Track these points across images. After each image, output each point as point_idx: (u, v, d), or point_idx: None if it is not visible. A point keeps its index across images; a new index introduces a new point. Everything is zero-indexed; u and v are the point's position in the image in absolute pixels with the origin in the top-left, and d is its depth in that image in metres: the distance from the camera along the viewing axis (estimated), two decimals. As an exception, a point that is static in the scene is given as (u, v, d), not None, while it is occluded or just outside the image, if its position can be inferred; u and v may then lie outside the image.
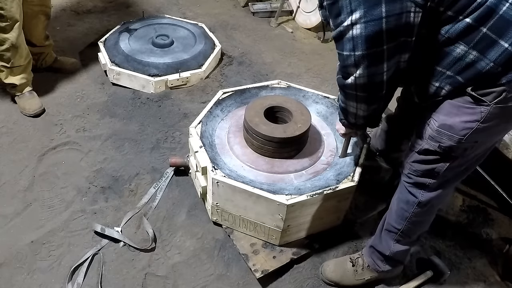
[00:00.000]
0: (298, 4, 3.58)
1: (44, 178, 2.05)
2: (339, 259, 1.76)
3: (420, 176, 1.38)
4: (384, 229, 1.59)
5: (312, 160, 1.89)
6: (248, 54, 3.10)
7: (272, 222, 1.70)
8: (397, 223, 1.52)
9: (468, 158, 1.31)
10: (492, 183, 2.03)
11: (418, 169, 1.38)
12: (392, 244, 1.57)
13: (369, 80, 1.18)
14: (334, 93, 2.54)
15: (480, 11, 1.04)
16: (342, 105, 1.39)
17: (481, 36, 1.06)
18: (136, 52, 2.73)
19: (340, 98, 1.39)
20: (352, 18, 1.06)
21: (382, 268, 1.65)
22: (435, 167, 1.33)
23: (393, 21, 1.04)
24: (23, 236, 1.79)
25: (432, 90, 1.22)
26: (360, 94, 1.26)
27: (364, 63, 1.12)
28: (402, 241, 1.56)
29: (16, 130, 2.29)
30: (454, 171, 1.35)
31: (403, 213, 1.48)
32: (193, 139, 1.88)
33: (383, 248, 1.60)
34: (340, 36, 1.12)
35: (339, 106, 1.44)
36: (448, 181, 1.39)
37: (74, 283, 1.65)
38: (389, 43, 1.08)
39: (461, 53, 1.11)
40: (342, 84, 1.28)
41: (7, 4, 2.06)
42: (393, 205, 1.55)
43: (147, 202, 1.98)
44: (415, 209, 1.45)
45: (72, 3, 3.47)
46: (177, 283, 1.70)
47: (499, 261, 1.90)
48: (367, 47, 1.09)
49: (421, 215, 1.48)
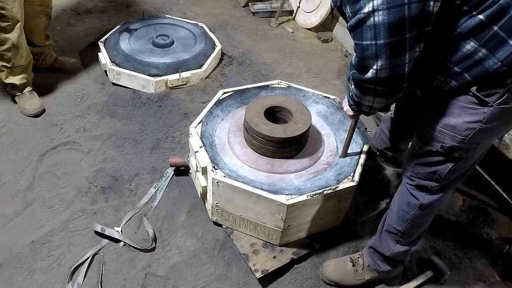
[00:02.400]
0: (298, 4, 3.58)
1: (44, 178, 2.05)
2: (339, 259, 1.76)
3: (423, 178, 1.38)
4: (384, 230, 1.59)
5: (312, 160, 1.89)
6: (248, 54, 3.10)
7: (272, 222, 1.70)
8: (397, 225, 1.52)
9: (470, 160, 1.31)
10: (492, 183, 2.03)
11: (420, 172, 1.37)
12: (393, 245, 1.57)
13: (391, 73, 1.11)
14: (334, 93, 2.55)
15: (494, 9, 1.03)
16: (357, 99, 1.31)
17: (491, 34, 1.06)
18: (136, 52, 2.73)
19: (354, 93, 1.31)
20: (373, 3, 1.00)
21: (382, 268, 1.65)
22: (438, 169, 1.32)
23: (415, 8, 1.00)
24: (23, 236, 1.79)
25: (436, 84, 1.21)
26: (379, 89, 1.18)
27: (386, 53, 1.06)
28: (402, 241, 1.56)
29: (16, 130, 2.29)
30: (457, 173, 1.34)
31: (404, 215, 1.48)
32: (193, 139, 1.88)
33: (384, 249, 1.60)
34: (359, 24, 1.06)
35: (352, 98, 1.36)
36: (450, 184, 1.39)
37: (74, 283, 1.65)
38: (411, 31, 1.04)
39: (470, 50, 1.10)
40: (359, 79, 1.20)
41: (8, 4, 2.06)
42: (393, 206, 1.54)
43: (147, 202, 1.98)
44: (416, 211, 1.45)
45: (72, 3, 3.47)
46: (177, 283, 1.70)
47: (499, 261, 1.90)
48: (390, 35, 1.03)
49: (421, 217, 1.48)
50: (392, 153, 2.04)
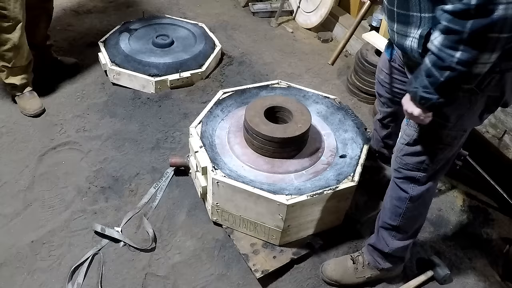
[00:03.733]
0: (298, 4, 3.58)
1: (44, 178, 2.05)
2: (339, 258, 1.77)
3: (411, 169, 1.40)
4: (380, 227, 1.61)
5: (312, 160, 1.89)
6: (248, 54, 3.10)
7: (272, 222, 1.70)
8: (391, 220, 1.54)
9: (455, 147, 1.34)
10: (492, 183, 2.03)
11: (408, 162, 1.39)
12: (390, 241, 1.58)
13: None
14: (334, 93, 2.55)
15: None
16: (463, 68, 1.00)
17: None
18: (137, 52, 2.73)
19: (460, 59, 0.99)
20: None
21: (382, 265, 1.65)
22: (425, 158, 1.34)
23: None
24: (23, 236, 1.79)
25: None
26: (503, 36, 0.95)
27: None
28: (399, 236, 1.58)
29: (16, 130, 2.29)
30: (443, 161, 1.37)
31: (397, 209, 1.50)
32: (193, 139, 1.88)
33: (382, 245, 1.61)
34: None
35: (445, 76, 1.04)
36: (437, 173, 1.42)
37: (74, 283, 1.65)
38: None
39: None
40: (483, 26, 0.92)
41: (10, 4, 2.06)
42: (386, 202, 1.57)
43: (147, 202, 1.98)
44: (408, 204, 1.47)
45: (72, 3, 3.47)
46: (177, 283, 1.70)
47: (499, 261, 1.90)
48: None
49: (414, 210, 1.50)
50: (388, 152, 2.05)
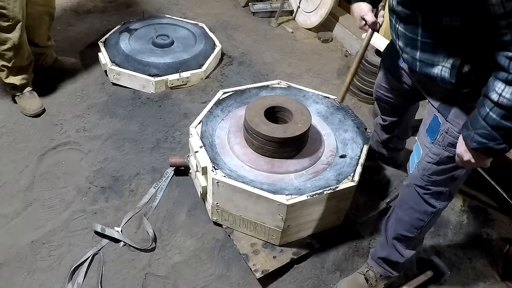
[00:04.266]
0: (298, 4, 3.58)
1: (44, 178, 2.05)
2: (349, 278, 1.70)
3: (439, 185, 1.38)
4: (393, 238, 1.58)
5: (312, 160, 1.89)
6: (248, 54, 3.10)
7: (272, 222, 1.70)
8: (409, 232, 1.52)
9: None
10: (492, 183, 2.03)
11: (437, 180, 1.37)
12: (404, 251, 1.57)
13: None
14: (334, 93, 2.54)
15: None
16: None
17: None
18: (137, 52, 2.73)
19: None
20: None
21: (395, 274, 1.65)
22: (454, 173, 1.33)
23: None
24: (23, 236, 1.79)
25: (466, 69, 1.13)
26: None
27: None
28: (413, 245, 1.58)
29: (16, 130, 2.29)
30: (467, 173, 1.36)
31: (418, 222, 1.48)
32: (193, 139, 1.88)
33: (397, 257, 1.59)
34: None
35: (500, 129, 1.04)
36: (459, 184, 1.42)
37: (74, 283, 1.65)
38: None
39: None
40: None
41: (10, 4, 2.06)
42: (404, 216, 1.52)
43: (147, 202, 1.98)
44: (432, 217, 1.46)
45: (72, 3, 3.47)
46: (177, 283, 1.70)
47: (499, 261, 1.90)
48: None
49: (435, 220, 1.52)
50: (387, 153, 2.05)
